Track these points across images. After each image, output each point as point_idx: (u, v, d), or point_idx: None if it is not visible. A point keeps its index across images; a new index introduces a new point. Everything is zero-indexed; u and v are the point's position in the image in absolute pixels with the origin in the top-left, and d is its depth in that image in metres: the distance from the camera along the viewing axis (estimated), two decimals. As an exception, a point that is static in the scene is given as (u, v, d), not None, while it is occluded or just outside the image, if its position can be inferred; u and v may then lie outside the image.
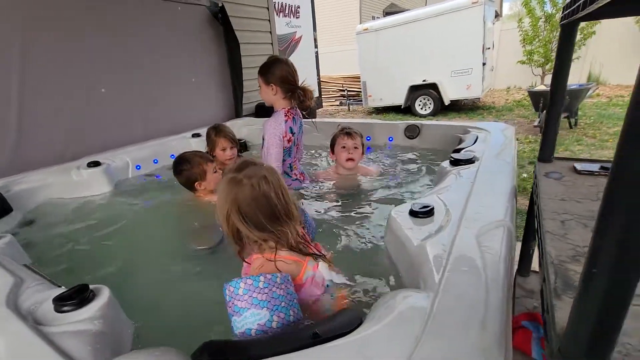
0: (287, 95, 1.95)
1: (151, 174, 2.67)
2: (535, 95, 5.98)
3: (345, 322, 0.74)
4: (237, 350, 0.70)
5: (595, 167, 1.27)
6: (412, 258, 1.05)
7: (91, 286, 0.95)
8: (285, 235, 1.01)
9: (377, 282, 1.20)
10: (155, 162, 2.80)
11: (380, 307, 0.82)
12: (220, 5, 3.60)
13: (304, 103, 1.98)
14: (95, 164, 2.38)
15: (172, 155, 2.94)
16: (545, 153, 1.44)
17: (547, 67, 8.40)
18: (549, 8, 8.03)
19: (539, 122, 5.45)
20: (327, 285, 1.07)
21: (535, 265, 1.69)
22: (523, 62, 8.72)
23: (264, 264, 0.99)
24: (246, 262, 1.05)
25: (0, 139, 2.20)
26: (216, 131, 2.44)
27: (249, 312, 0.82)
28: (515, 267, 1.68)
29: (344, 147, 2.11)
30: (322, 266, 1.07)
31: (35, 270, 1.19)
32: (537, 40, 8.29)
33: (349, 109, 10.20)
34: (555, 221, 0.94)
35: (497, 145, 1.99)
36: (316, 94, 8.17)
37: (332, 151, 2.21)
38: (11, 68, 2.22)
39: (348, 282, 1.10)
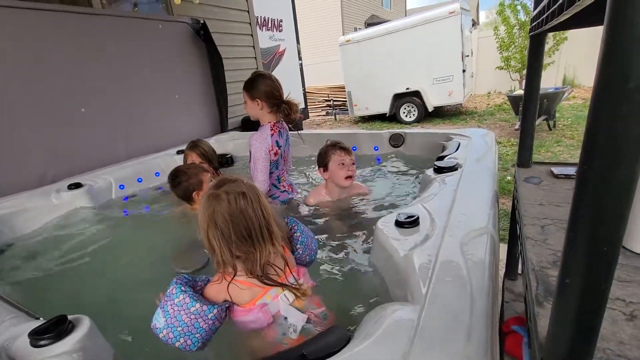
0: (273, 110, 1.98)
1: (134, 194, 2.62)
2: (514, 100, 6.15)
3: (333, 341, 0.73)
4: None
5: (572, 170, 1.31)
6: (399, 269, 1.05)
7: (70, 317, 0.92)
8: (251, 261, 0.99)
9: (365, 295, 1.19)
10: (140, 181, 2.75)
11: (369, 322, 0.82)
12: (201, 22, 3.62)
13: (289, 116, 2.00)
14: (77, 185, 2.32)
15: (157, 173, 2.91)
16: (523, 158, 1.47)
17: (524, 72, 8.69)
18: (522, 16, 8.34)
19: (520, 126, 5.59)
20: (285, 318, 1.01)
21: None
22: (501, 68, 8.99)
23: (216, 281, 1.02)
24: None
25: (-27, 165, 2.14)
26: (191, 145, 2.45)
27: (158, 312, 0.93)
28: (503, 270, 1.70)
29: (342, 163, 1.91)
30: (283, 299, 1.02)
31: (10, 302, 1.14)
32: (513, 46, 8.58)
33: (335, 119, 10.29)
34: (536, 227, 0.96)
35: (479, 151, 2.03)
36: (302, 106, 8.23)
37: (324, 168, 1.97)
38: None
39: (302, 326, 1.00)
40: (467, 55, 7.88)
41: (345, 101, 9.87)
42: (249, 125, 4.24)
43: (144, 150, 3.09)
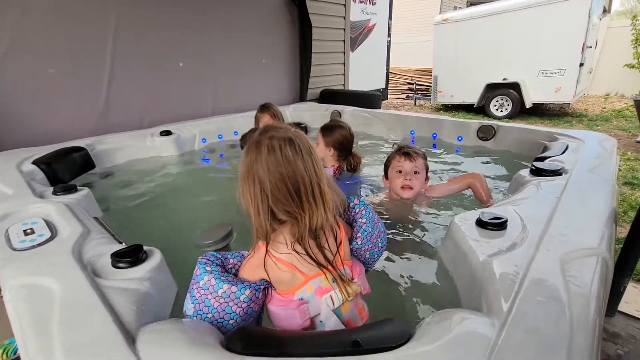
0: (340, 159, 2.02)
1: (213, 149, 2.79)
2: (643, 106, 5.08)
3: (393, 334, 0.66)
4: (271, 342, 0.66)
5: None
6: (475, 275, 0.92)
7: (145, 247, 0.99)
8: (297, 226, 0.79)
9: (426, 294, 1.09)
10: (220, 137, 2.92)
11: (433, 324, 0.72)
12: (297, -14, 3.59)
13: (354, 169, 2.04)
14: (167, 133, 2.55)
15: (236, 132, 3.05)
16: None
17: (664, 73, 7.08)
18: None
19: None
20: (321, 323, 0.81)
21: (623, 305, 1.41)
22: (632, 66, 7.42)
23: (251, 255, 0.84)
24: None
25: (92, 104, 2.46)
26: (261, 108, 2.51)
27: (187, 297, 0.79)
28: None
29: (400, 171, 1.61)
30: (328, 301, 0.81)
31: (102, 223, 1.29)
32: (654, 41, 7.00)
33: (415, 104, 9.74)
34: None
35: (593, 157, 1.70)
36: (383, 85, 7.90)
37: (386, 176, 1.72)
38: (107, 45, 2.45)
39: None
40: (590, 47, 6.66)
41: (429, 86, 9.25)
42: (329, 98, 4.19)
43: (227, 109, 3.26)
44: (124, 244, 1.15)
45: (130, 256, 0.93)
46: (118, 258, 0.92)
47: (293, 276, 0.80)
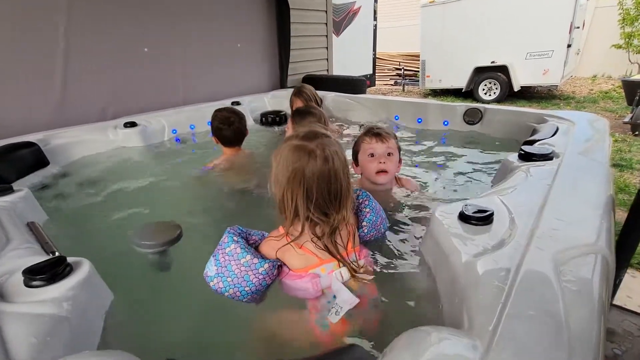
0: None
1: (185, 140, 2.60)
2: (630, 86, 5.03)
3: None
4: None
5: None
6: (457, 279, 0.79)
7: (71, 259, 0.84)
8: (321, 226, 0.90)
9: (401, 302, 0.95)
10: (192, 128, 2.73)
11: (402, 348, 0.59)
12: (272, -36, 3.35)
13: None
14: (132, 124, 2.35)
15: (209, 122, 2.86)
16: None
17: (651, 53, 7.05)
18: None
19: (632, 118, 4.58)
20: (334, 297, 0.89)
21: (619, 298, 1.31)
22: (619, 47, 7.40)
23: (274, 237, 0.95)
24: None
25: (44, 94, 2.23)
26: (295, 91, 2.48)
27: (210, 260, 0.90)
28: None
29: (372, 154, 1.45)
30: (337, 276, 0.92)
31: (36, 230, 1.12)
32: (640, 20, 6.95)
33: (403, 89, 9.58)
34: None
35: (585, 139, 1.58)
36: (370, 71, 7.71)
37: (356, 162, 1.53)
38: (58, 25, 2.21)
39: (348, 310, 0.86)
40: (577, 27, 6.55)
41: (417, 72, 9.07)
42: (310, 84, 3.99)
43: (200, 97, 3.06)
44: (57, 253, 0.99)
45: (46, 272, 0.77)
46: (31, 275, 0.76)
47: (306, 259, 0.92)
